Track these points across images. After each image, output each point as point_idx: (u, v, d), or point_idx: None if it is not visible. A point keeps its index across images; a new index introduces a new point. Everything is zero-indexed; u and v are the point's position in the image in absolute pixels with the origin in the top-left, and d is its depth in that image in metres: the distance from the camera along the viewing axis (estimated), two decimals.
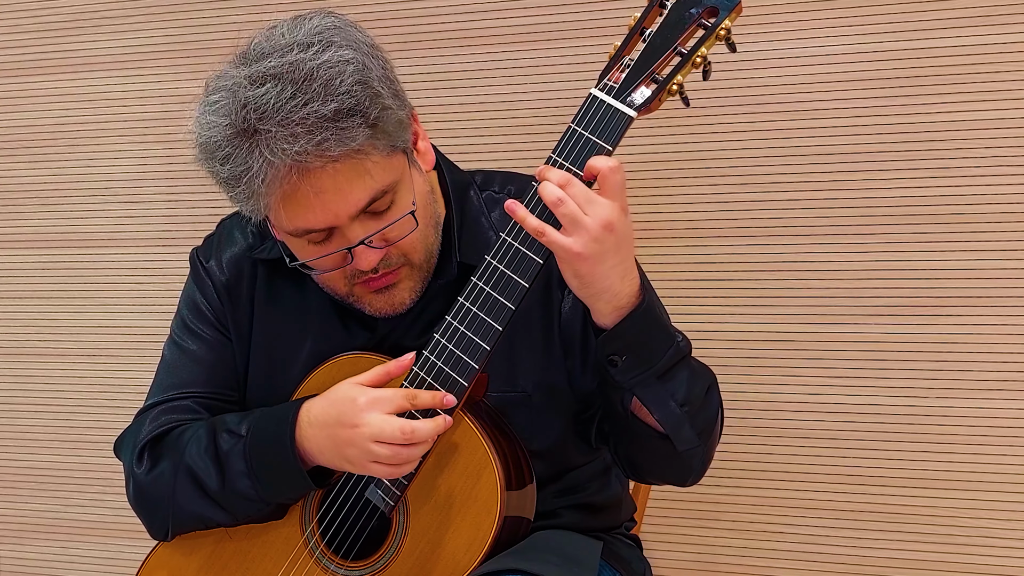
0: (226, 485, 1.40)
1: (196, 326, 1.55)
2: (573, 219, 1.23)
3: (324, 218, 1.32)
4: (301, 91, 1.26)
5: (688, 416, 1.35)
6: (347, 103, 1.27)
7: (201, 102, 1.33)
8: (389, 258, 1.38)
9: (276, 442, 1.38)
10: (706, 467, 1.45)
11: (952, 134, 1.88)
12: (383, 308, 1.42)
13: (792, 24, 1.94)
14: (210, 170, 1.34)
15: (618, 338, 1.30)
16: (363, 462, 1.32)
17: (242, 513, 1.43)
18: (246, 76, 1.29)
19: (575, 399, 1.49)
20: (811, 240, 1.97)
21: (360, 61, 1.30)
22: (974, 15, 1.85)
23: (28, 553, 2.53)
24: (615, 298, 1.28)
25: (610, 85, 1.28)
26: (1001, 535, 1.93)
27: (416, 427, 1.29)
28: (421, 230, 1.39)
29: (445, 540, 1.35)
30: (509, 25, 2.10)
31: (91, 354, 2.43)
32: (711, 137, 2.00)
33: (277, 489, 1.40)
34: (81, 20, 2.36)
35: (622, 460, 1.49)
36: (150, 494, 1.47)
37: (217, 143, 1.30)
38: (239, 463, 1.40)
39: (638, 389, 1.33)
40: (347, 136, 1.27)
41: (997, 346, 1.90)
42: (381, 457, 1.31)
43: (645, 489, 1.83)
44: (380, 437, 1.30)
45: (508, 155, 2.10)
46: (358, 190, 1.31)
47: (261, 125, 1.26)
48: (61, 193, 2.42)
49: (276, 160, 1.26)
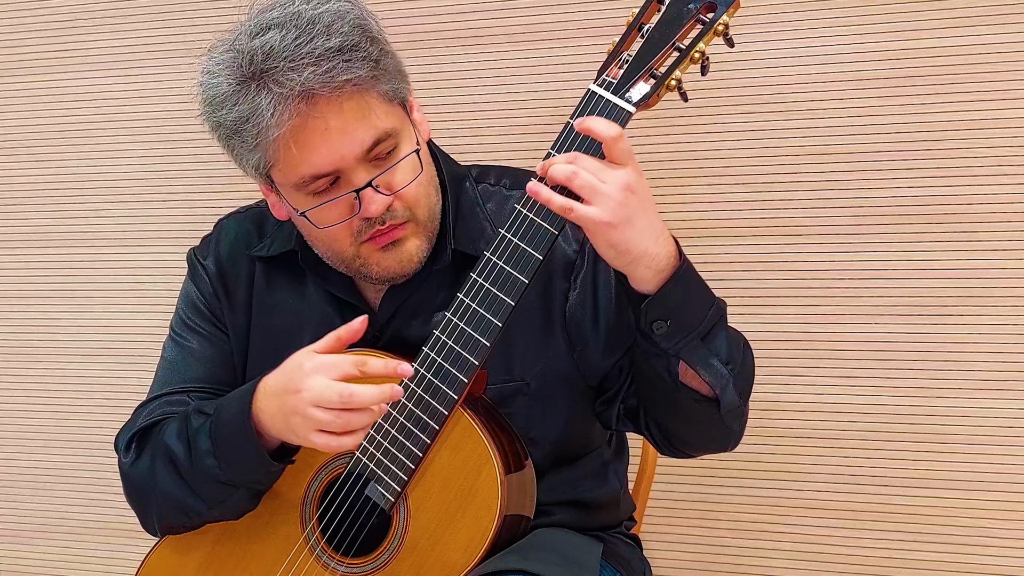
0: (194, 465, 1.40)
1: (195, 323, 1.55)
2: (592, 188, 1.23)
3: (330, 159, 1.33)
4: (305, 32, 1.29)
5: (732, 375, 1.34)
6: (350, 39, 1.30)
7: (205, 60, 1.35)
8: (395, 210, 1.38)
9: (235, 416, 1.37)
10: (743, 430, 1.43)
11: (950, 134, 1.88)
12: (392, 267, 1.41)
13: (789, 23, 1.95)
14: (216, 120, 1.35)
15: (661, 302, 1.29)
16: (306, 432, 1.29)
17: (213, 498, 1.42)
18: (248, 31, 1.32)
19: (587, 385, 1.49)
20: (810, 240, 1.97)
21: (359, 11, 1.34)
22: (971, 15, 1.86)
23: (28, 553, 2.53)
24: (654, 261, 1.27)
25: (608, 80, 1.28)
26: (1001, 535, 1.93)
27: (355, 391, 1.25)
28: (424, 185, 1.40)
29: (445, 537, 1.35)
30: (505, 25, 2.10)
31: (91, 354, 2.44)
32: (708, 137, 2.00)
33: (239, 468, 1.39)
34: (80, 19, 2.36)
35: (657, 434, 1.46)
36: (136, 484, 1.48)
37: (224, 93, 1.32)
38: (205, 442, 1.39)
39: (684, 353, 1.31)
40: (352, 66, 1.29)
41: (998, 346, 1.90)
42: (323, 423, 1.27)
43: (645, 489, 1.83)
44: (319, 401, 1.26)
45: (504, 154, 2.10)
46: (362, 129, 1.33)
47: (267, 65, 1.29)
48: (61, 192, 2.42)
49: (284, 91, 1.28)
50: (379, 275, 1.43)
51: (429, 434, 1.34)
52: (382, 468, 1.37)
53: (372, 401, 1.26)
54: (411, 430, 1.35)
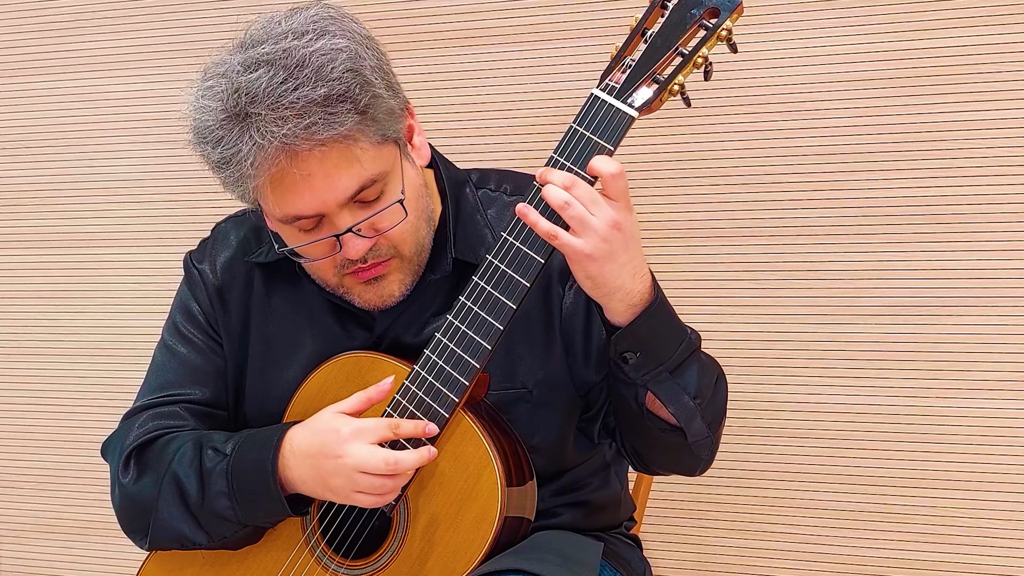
0: (205, 503, 1.40)
1: (187, 330, 1.54)
2: (581, 221, 1.24)
3: (312, 204, 1.32)
4: (292, 76, 1.27)
5: (699, 408, 1.35)
6: (337, 89, 1.27)
7: (196, 87, 1.34)
8: (378, 248, 1.37)
9: (258, 466, 1.37)
10: (713, 458, 1.45)
11: (953, 134, 1.88)
12: (372, 300, 1.41)
13: (793, 24, 1.94)
14: (202, 154, 1.34)
15: (632, 335, 1.31)
16: (347, 492, 1.33)
17: (218, 534, 1.42)
18: (240, 62, 1.30)
19: (577, 395, 1.49)
20: (811, 240, 1.97)
21: (353, 50, 1.30)
22: (975, 15, 1.85)
23: (28, 553, 2.53)
24: (628, 296, 1.29)
25: (611, 85, 1.28)
26: (1001, 535, 1.93)
27: (400, 458, 1.30)
28: (412, 222, 1.39)
29: (445, 539, 1.35)
30: (510, 25, 2.10)
31: (91, 354, 2.43)
32: (711, 137, 2.00)
33: (254, 513, 1.40)
34: (82, 20, 2.36)
35: (630, 453, 1.49)
36: (137, 504, 1.46)
37: (209, 127, 1.31)
38: (220, 482, 1.39)
39: (652, 385, 1.33)
40: (335, 120, 1.27)
41: (997, 346, 1.90)
42: (365, 487, 1.31)
43: (645, 489, 1.83)
44: (364, 468, 1.30)
45: (508, 155, 2.10)
46: (346, 177, 1.31)
47: (252, 108, 1.27)
48: (61, 193, 2.42)
49: (264, 142, 1.27)
50: (361, 305, 1.43)
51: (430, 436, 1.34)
52: None
53: (415, 466, 1.32)
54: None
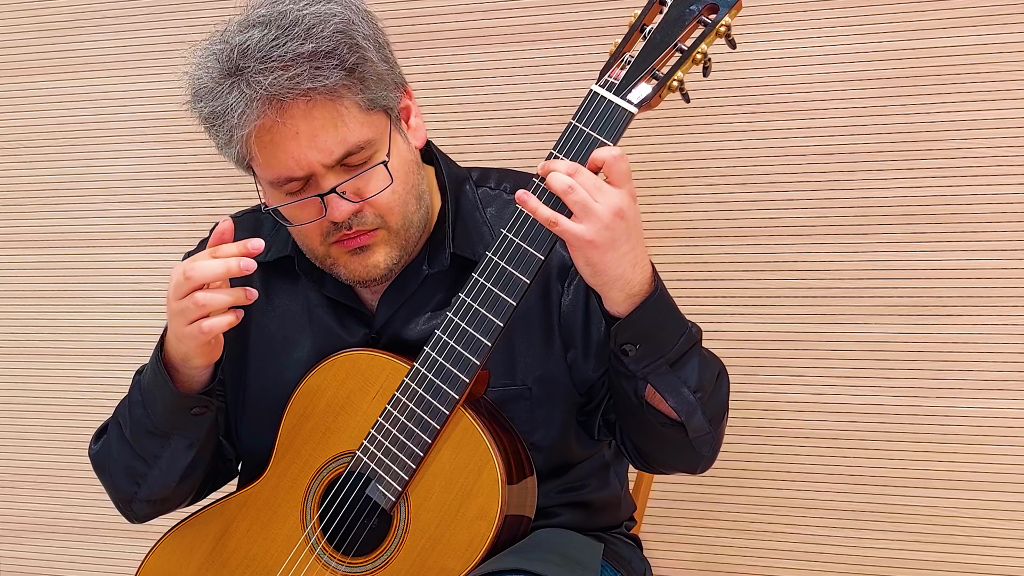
0: (131, 420, 1.44)
1: None
2: (584, 207, 1.23)
3: (299, 163, 1.34)
4: (284, 34, 1.30)
5: (700, 403, 1.35)
6: (325, 45, 1.30)
7: (199, 50, 1.37)
8: (364, 216, 1.38)
9: (153, 358, 1.41)
10: (715, 455, 1.44)
11: (951, 134, 1.88)
12: (357, 271, 1.41)
13: (790, 24, 1.95)
14: (197, 112, 1.37)
15: (631, 326, 1.30)
16: (179, 329, 1.33)
17: (150, 453, 1.44)
18: (238, 23, 1.34)
19: (577, 391, 1.49)
20: (810, 240, 1.97)
21: (347, 16, 1.33)
22: (973, 15, 1.86)
23: (28, 553, 2.53)
24: (628, 286, 1.28)
25: (611, 81, 1.28)
26: (1001, 535, 1.93)
27: (194, 264, 1.31)
28: (399, 193, 1.39)
29: (446, 537, 1.35)
30: (507, 25, 2.10)
31: (91, 354, 2.44)
32: (709, 137, 2.00)
33: (160, 410, 1.41)
34: (81, 20, 2.36)
35: (631, 450, 1.48)
36: (99, 464, 1.52)
37: (204, 84, 1.34)
38: (136, 393, 1.43)
39: (652, 377, 1.33)
40: (320, 74, 1.29)
41: (998, 346, 1.90)
42: (186, 312, 1.31)
43: (645, 489, 1.83)
44: (173, 294, 1.32)
45: (506, 155, 2.10)
46: (332, 139, 1.33)
47: (242, 63, 1.30)
48: (61, 193, 2.42)
49: (250, 91, 1.30)
50: (347, 277, 1.43)
51: (430, 434, 1.34)
52: (383, 468, 1.37)
53: (211, 271, 1.30)
54: (412, 429, 1.35)
